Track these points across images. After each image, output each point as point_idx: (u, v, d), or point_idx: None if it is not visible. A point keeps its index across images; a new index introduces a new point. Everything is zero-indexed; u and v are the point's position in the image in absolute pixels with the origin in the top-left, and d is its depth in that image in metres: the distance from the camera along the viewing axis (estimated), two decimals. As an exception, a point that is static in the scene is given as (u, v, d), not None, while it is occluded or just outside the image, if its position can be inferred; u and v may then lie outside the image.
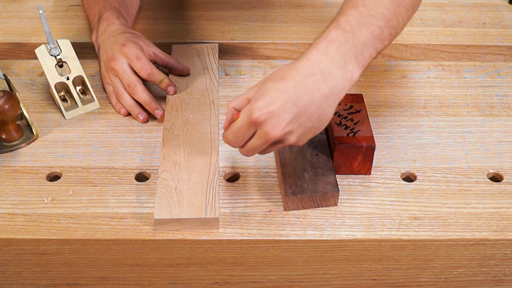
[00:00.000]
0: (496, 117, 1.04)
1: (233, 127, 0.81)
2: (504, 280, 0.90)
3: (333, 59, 0.80)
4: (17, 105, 0.96)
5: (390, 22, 0.84)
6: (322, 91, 0.78)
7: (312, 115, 0.79)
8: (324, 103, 0.79)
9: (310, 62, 0.79)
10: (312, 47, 0.81)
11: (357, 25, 0.81)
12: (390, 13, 0.84)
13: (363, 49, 0.81)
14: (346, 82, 0.80)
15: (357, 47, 0.81)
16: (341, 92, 0.80)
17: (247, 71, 1.13)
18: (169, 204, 0.86)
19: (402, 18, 0.86)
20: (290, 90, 0.78)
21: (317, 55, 0.80)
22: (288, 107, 0.77)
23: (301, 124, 0.79)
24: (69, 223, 0.87)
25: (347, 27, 0.81)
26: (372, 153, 0.91)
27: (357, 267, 0.88)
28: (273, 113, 0.77)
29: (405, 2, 0.86)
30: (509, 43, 1.17)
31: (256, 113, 0.77)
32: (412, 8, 0.88)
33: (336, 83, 0.79)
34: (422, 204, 0.90)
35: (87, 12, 1.17)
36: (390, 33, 0.85)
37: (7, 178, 0.93)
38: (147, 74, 1.02)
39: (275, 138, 0.78)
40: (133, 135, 1.00)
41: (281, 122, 0.77)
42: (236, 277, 0.90)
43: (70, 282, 0.90)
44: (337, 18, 0.83)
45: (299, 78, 0.78)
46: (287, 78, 0.79)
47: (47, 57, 1.02)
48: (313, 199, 0.88)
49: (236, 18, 1.23)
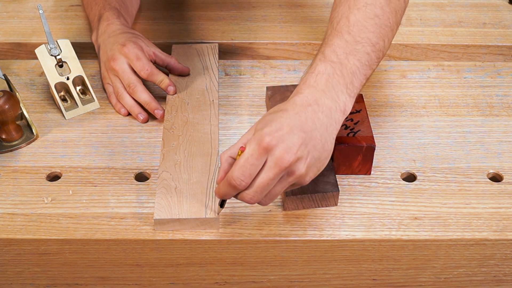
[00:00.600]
0: (496, 117, 1.04)
1: (239, 162, 0.75)
2: (504, 280, 0.90)
3: (324, 91, 0.79)
4: (17, 105, 0.96)
5: (376, 46, 0.83)
6: (322, 120, 0.78)
7: (317, 143, 0.77)
8: (325, 132, 0.78)
9: (304, 95, 0.79)
10: (302, 82, 0.81)
11: (343, 54, 0.81)
12: (375, 37, 0.83)
13: (353, 78, 0.81)
14: (340, 114, 0.80)
15: (346, 78, 0.80)
16: (338, 123, 0.80)
17: (247, 71, 1.13)
18: (169, 204, 0.86)
19: (388, 38, 0.85)
20: (294, 118, 0.77)
21: (309, 89, 0.79)
22: (296, 131, 0.75)
23: (309, 152, 0.76)
24: (69, 223, 0.87)
25: (334, 58, 0.81)
26: (372, 153, 0.91)
27: (357, 267, 0.88)
28: (284, 137, 0.75)
29: (389, 22, 0.85)
30: (509, 43, 1.17)
31: (266, 138, 0.74)
32: (396, 25, 0.87)
33: (331, 114, 0.79)
34: (422, 204, 0.90)
35: (87, 12, 1.17)
36: (378, 57, 0.84)
37: (7, 178, 0.93)
38: (147, 74, 1.02)
39: (289, 163, 0.74)
40: (133, 135, 1.00)
41: (293, 146, 0.75)
42: (236, 277, 0.90)
43: (70, 282, 0.90)
44: (322, 49, 0.82)
45: (298, 108, 0.78)
46: (286, 109, 0.78)
47: (47, 57, 1.02)
48: (313, 199, 0.88)
49: (236, 18, 1.23)
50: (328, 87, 0.80)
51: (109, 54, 1.04)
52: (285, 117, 0.77)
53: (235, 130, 1.01)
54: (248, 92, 1.09)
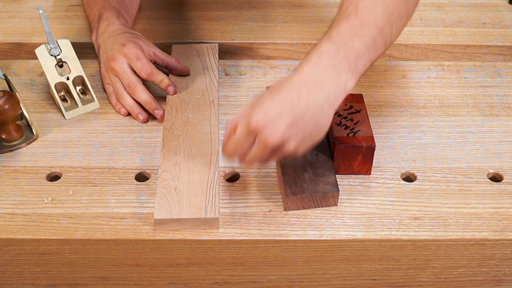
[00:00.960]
0: (496, 117, 1.04)
1: (233, 139, 0.82)
2: (504, 280, 0.90)
3: (326, 69, 0.80)
4: (17, 105, 0.96)
5: (383, 31, 0.84)
6: (317, 100, 0.79)
7: (308, 123, 0.80)
8: (319, 111, 0.80)
9: (304, 73, 0.81)
10: (305, 60, 0.82)
11: (349, 36, 0.82)
12: (383, 23, 0.84)
13: (356, 60, 0.82)
14: (340, 92, 0.81)
15: (349, 58, 0.81)
16: (336, 101, 0.81)
17: (247, 71, 1.13)
18: (169, 204, 0.86)
19: (396, 26, 0.86)
20: (285, 100, 0.79)
21: (310, 67, 0.81)
22: (284, 115, 0.78)
23: (298, 132, 0.79)
24: (69, 223, 0.87)
25: (339, 39, 0.82)
26: (372, 153, 0.91)
27: (357, 267, 0.88)
28: (270, 120, 0.78)
29: (398, 10, 0.86)
30: (509, 43, 1.17)
31: (253, 122, 0.79)
32: (406, 14, 0.88)
33: (330, 92, 0.80)
34: (422, 204, 0.90)
35: (87, 12, 1.17)
36: (384, 42, 0.85)
37: (7, 178, 0.93)
38: (147, 74, 1.02)
39: (274, 144, 0.79)
40: (133, 135, 1.00)
41: (278, 128, 0.78)
42: (236, 277, 0.90)
43: (70, 282, 0.90)
44: (330, 30, 0.84)
45: (293, 89, 0.80)
46: (281, 89, 0.80)
47: (47, 57, 1.02)
48: (313, 199, 0.88)
49: (236, 18, 1.23)
50: (331, 65, 0.81)
51: (109, 54, 1.04)
52: (277, 99, 0.80)
53: (235, 130, 1.01)
54: (248, 92, 1.09)
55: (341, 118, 0.94)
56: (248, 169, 0.94)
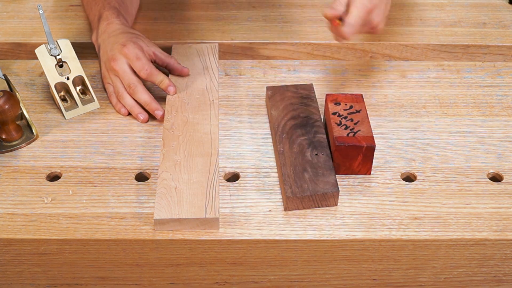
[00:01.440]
0: (496, 117, 1.04)
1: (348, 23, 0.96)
2: (504, 280, 0.90)
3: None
4: (17, 105, 0.96)
5: None
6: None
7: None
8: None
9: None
10: None
11: None
12: None
13: None
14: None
15: None
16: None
17: (247, 71, 1.13)
18: (169, 204, 0.86)
19: None
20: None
21: None
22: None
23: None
24: (69, 223, 0.87)
25: None
26: (372, 153, 0.91)
27: (357, 267, 0.88)
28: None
29: None
30: (509, 43, 1.17)
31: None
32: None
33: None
34: (422, 204, 0.90)
35: (87, 12, 1.17)
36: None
37: (7, 178, 0.93)
38: (147, 74, 1.02)
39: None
40: (133, 135, 1.00)
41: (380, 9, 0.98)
42: (236, 277, 0.90)
43: (70, 282, 0.90)
44: None
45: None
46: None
47: (47, 57, 1.02)
48: (313, 199, 0.88)
49: (236, 18, 1.23)
50: None
51: (109, 54, 1.04)
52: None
53: (235, 130, 1.01)
54: (248, 92, 1.09)
55: (341, 118, 0.94)
56: (248, 169, 0.94)
